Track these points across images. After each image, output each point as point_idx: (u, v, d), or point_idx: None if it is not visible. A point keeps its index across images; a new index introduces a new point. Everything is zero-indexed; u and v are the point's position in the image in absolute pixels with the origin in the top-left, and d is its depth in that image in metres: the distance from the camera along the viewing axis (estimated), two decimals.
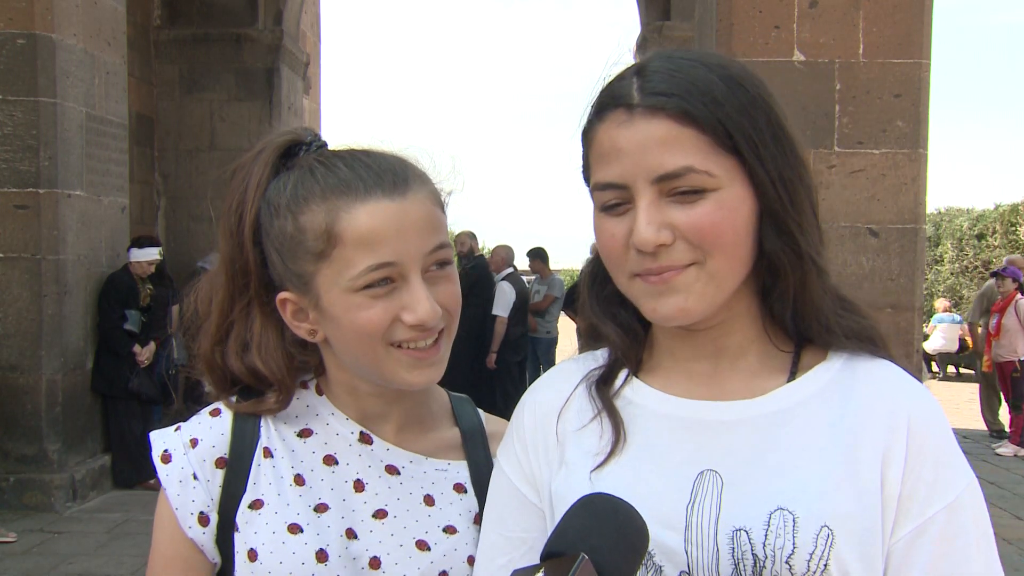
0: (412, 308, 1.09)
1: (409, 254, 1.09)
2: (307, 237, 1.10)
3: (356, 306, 1.09)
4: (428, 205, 1.12)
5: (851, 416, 0.99)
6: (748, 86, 0.98)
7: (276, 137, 1.19)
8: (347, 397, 1.22)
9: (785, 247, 0.98)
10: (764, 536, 0.93)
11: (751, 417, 1.01)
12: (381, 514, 1.17)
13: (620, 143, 0.96)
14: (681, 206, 0.95)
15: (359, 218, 1.08)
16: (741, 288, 1.02)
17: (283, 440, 1.19)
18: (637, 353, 1.11)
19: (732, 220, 0.95)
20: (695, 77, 0.95)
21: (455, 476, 1.23)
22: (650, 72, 0.97)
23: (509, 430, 1.17)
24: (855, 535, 0.93)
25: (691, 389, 1.05)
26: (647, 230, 0.94)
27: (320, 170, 1.12)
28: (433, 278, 1.12)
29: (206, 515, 1.15)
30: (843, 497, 0.94)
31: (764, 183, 0.96)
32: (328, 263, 1.10)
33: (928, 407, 1.00)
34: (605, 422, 1.06)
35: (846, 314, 1.05)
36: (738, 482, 0.97)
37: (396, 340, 1.11)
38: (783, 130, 0.99)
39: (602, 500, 0.89)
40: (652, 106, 0.95)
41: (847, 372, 1.03)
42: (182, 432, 1.19)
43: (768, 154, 0.96)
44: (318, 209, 1.09)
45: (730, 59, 1.02)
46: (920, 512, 0.95)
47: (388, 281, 1.09)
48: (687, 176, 0.94)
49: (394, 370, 1.13)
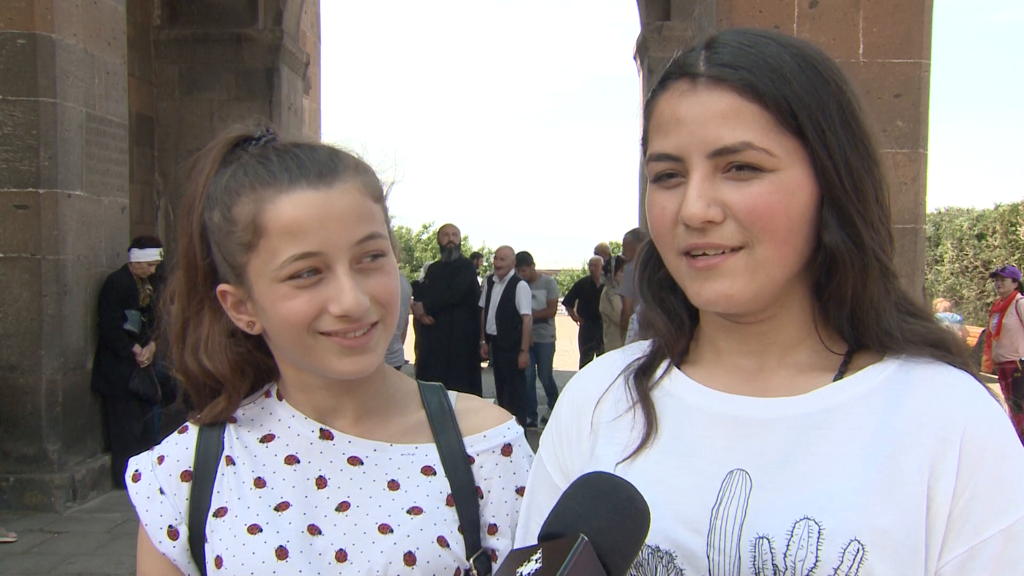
0: (337, 299, 1.08)
1: (334, 244, 1.08)
2: (237, 228, 1.11)
3: (282, 296, 1.09)
4: (357, 196, 1.11)
5: (898, 423, 0.91)
6: (822, 68, 0.93)
7: (228, 132, 1.19)
8: (300, 395, 1.22)
9: (846, 240, 0.92)
10: (786, 546, 0.87)
11: (789, 416, 0.95)
12: (344, 506, 1.16)
13: (680, 113, 0.92)
14: (735, 183, 0.90)
15: (282, 208, 1.08)
16: (795, 282, 0.96)
17: (245, 447, 1.20)
18: (681, 343, 1.06)
19: (787, 204, 0.90)
20: (766, 52, 0.91)
21: (423, 459, 1.21)
22: (720, 44, 0.93)
23: (550, 418, 1.16)
24: (891, 552, 0.86)
25: (732, 384, 1.00)
26: (696, 204, 0.90)
27: (252, 163, 1.13)
28: (365, 270, 1.11)
29: (175, 528, 1.17)
30: (879, 510, 0.87)
31: (828, 169, 0.90)
32: (256, 254, 1.10)
33: (989, 419, 0.91)
34: (638, 414, 1.03)
35: (912, 320, 0.97)
36: (767, 486, 0.92)
37: (324, 330, 1.10)
38: (856, 119, 0.93)
39: (601, 479, 0.86)
40: (716, 76, 0.91)
41: (901, 376, 0.95)
42: (153, 452, 1.23)
43: (835, 139, 0.91)
44: (247, 201, 1.10)
45: (808, 42, 0.97)
46: (973, 534, 0.87)
47: (315, 272, 1.08)
48: (744, 152, 0.89)
49: (324, 358, 1.12)
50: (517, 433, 1.27)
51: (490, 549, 1.19)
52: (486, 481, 1.22)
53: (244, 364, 1.21)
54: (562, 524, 0.82)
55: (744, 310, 0.96)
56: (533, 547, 0.82)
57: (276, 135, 1.19)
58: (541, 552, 0.80)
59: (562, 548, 0.78)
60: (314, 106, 13.73)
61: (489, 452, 1.23)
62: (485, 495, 1.22)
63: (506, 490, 1.22)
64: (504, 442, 1.25)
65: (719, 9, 5.25)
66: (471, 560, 1.16)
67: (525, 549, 0.83)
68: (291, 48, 11.44)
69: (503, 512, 1.21)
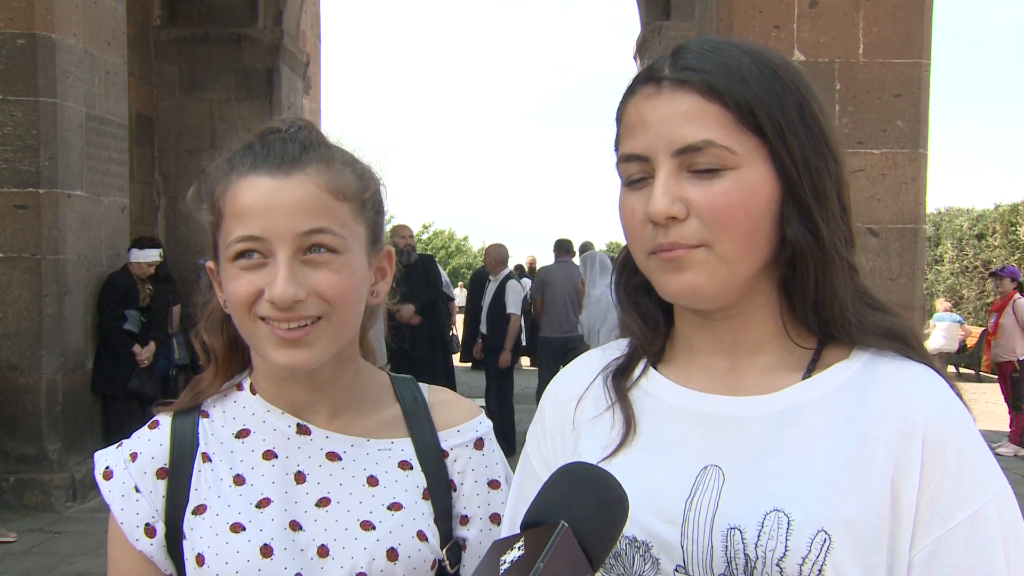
0: (270, 285, 1.10)
1: (276, 232, 1.10)
2: (204, 206, 1.18)
3: (231, 276, 1.13)
4: (313, 188, 1.12)
5: (864, 418, 0.95)
6: (781, 72, 0.98)
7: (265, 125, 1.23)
8: (273, 388, 1.23)
9: (807, 235, 0.96)
10: (757, 537, 0.92)
11: (761, 415, 0.99)
12: (324, 502, 1.18)
13: (646, 115, 0.97)
14: (699, 182, 0.94)
15: (238, 191, 1.12)
16: (761, 279, 1.00)
17: (221, 443, 1.21)
18: (656, 344, 1.10)
19: (747, 201, 0.94)
20: (727, 57, 0.96)
21: (399, 454, 1.24)
22: (684, 51, 0.99)
23: (535, 415, 1.18)
24: (856, 543, 0.90)
25: (706, 383, 1.04)
26: (661, 201, 0.94)
27: (240, 149, 1.17)
28: (311, 263, 1.11)
29: (152, 526, 1.17)
30: (846, 502, 0.91)
31: (787, 166, 0.95)
32: (220, 233, 1.15)
33: (949, 412, 0.95)
34: (617, 413, 1.07)
35: (874, 312, 1.02)
36: (739, 480, 0.96)
37: (261, 315, 1.12)
38: (815, 119, 0.98)
39: (581, 469, 0.89)
40: (679, 79, 0.96)
41: (867, 372, 0.99)
42: (123, 448, 1.22)
43: (794, 138, 0.95)
44: (218, 182, 1.16)
45: (771, 49, 1.02)
46: (940, 523, 0.91)
47: (258, 255, 1.11)
48: (706, 150, 0.93)
49: (263, 344, 1.14)
50: (488, 427, 1.32)
51: (461, 539, 1.24)
52: (460, 474, 1.26)
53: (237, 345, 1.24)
54: (543, 512, 0.84)
55: (711, 305, 1.00)
56: (515, 536, 0.84)
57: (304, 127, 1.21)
58: (523, 540, 0.82)
59: (543, 535, 0.80)
60: (314, 106, 13.74)
61: (463, 446, 1.27)
62: (458, 487, 1.25)
63: (479, 483, 1.27)
64: (476, 436, 1.29)
65: (719, 9, 5.26)
66: (444, 550, 1.20)
67: (508, 538, 0.85)
68: (291, 48, 11.44)
69: (475, 504, 1.26)
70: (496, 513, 1.26)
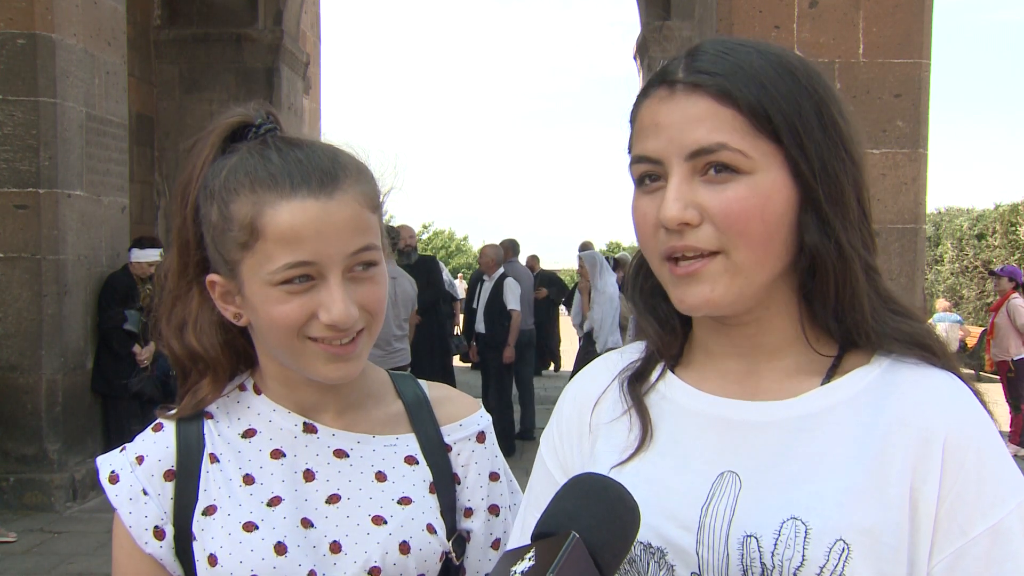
0: (328, 308, 1.09)
1: (329, 255, 1.09)
2: (233, 226, 1.11)
3: (273, 300, 1.10)
4: (356, 206, 1.12)
5: (883, 425, 0.93)
6: (800, 75, 0.95)
7: (227, 116, 1.20)
8: (282, 389, 1.23)
9: (826, 240, 0.94)
10: (774, 545, 0.90)
11: (779, 420, 0.97)
12: (334, 499, 1.18)
13: (659, 118, 0.95)
14: (712, 186, 0.92)
15: (282, 215, 1.08)
16: (779, 284, 0.98)
17: (228, 444, 1.20)
18: (673, 348, 1.09)
19: (763, 207, 0.91)
20: (743, 60, 0.94)
21: (404, 449, 1.25)
22: (700, 53, 0.96)
23: (552, 416, 1.18)
24: (874, 552, 0.88)
25: (724, 387, 1.02)
26: (673, 206, 0.92)
27: (253, 160, 1.13)
28: (356, 279, 1.12)
29: (161, 528, 1.17)
30: (864, 510, 0.89)
31: (804, 171, 0.93)
32: (251, 254, 1.11)
33: (970, 419, 0.93)
34: (634, 418, 1.05)
35: (896, 317, 0.99)
36: (756, 486, 0.94)
37: (312, 335, 1.12)
38: (834, 123, 0.96)
39: (592, 479, 0.88)
40: (693, 83, 0.94)
41: (887, 378, 0.96)
42: (127, 452, 1.22)
43: (811, 142, 0.93)
44: (246, 201, 1.10)
45: (790, 51, 1.00)
46: (961, 534, 0.88)
47: (307, 278, 1.10)
48: (720, 152, 0.91)
49: (311, 363, 1.14)
50: (488, 421, 1.34)
51: (465, 531, 1.26)
52: (463, 468, 1.28)
53: (231, 347, 1.23)
54: (554, 523, 0.84)
55: (727, 313, 0.98)
56: (526, 546, 0.84)
57: (277, 122, 1.19)
58: (534, 551, 0.82)
59: (554, 545, 0.80)
60: (314, 106, 13.74)
61: (465, 440, 1.29)
62: (462, 481, 1.27)
63: (481, 475, 1.29)
64: (478, 430, 1.31)
65: (719, 9, 5.26)
66: (450, 542, 1.21)
67: (519, 548, 0.85)
68: (291, 48, 11.44)
69: (478, 496, 1.27)
70: (495, 504, 1.28)
